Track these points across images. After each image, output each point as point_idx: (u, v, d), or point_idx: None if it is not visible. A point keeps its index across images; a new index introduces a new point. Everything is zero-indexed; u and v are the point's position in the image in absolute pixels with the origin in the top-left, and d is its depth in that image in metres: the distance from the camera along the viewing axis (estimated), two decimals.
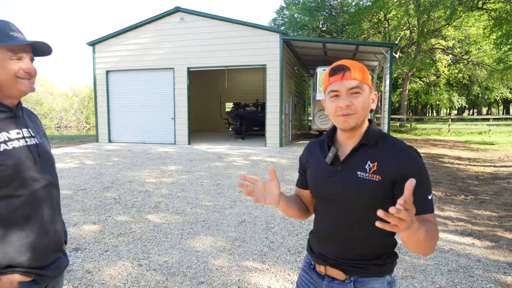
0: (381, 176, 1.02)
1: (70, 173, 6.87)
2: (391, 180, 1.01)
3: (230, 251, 3.26)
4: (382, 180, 1.02)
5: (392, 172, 1.01)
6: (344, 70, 1.04)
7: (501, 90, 25.25)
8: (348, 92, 1.05)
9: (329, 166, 1.12)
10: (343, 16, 26.23)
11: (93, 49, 12.68)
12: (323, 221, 1.16)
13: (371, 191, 1.03)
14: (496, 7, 15.43)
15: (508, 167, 7.95)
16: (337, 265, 1.11)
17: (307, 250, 1.25)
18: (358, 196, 1.05)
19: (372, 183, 1.03)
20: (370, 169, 1.04)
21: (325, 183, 1.12)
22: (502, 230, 3.89)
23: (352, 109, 1.04)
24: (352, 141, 1.11)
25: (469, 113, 50.37)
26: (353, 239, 1.09)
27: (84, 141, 14.17)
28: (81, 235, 3.62)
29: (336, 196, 1.10)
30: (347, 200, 1.07)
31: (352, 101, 1.04)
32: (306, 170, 1.24)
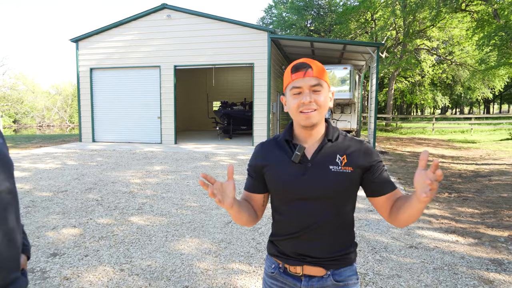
0: (352, 167, 1.10)
1: (51, 174, 6.66)
2: (361, 169, 1.11)
3: (216, 253, 3.20)
4: (353, 171, 1.10)
5: (360, 162, 1.11)
6: (306, 67, 1.08)
7: (482, 90, 25.90)
8: (311, 89, 1.08)
9: (297, 164, 1.11)
10: (331, 15, 26.41)
11: (77, 45, 12.35)
12: (296, 221, 1.12)
13: (347, 183, 1.10)
14: (478, 9, 15.80)
15: (489, 165, 8.13)
16: (317, 262, 1.11)
17: (271, 255, 1.21)
18: (337, 190, 1.09)
19: (347, 175, 1.09)
20: (342, 162, 1.10)
21: (298, 182, 1.10)
22: (484, 227, 3.95)
23: (314, 105, 1.08)
24: (313, 138, 1.14)
25: (452, 112, 51.57)
26: (331, 233, 1.12)
27: (66, 141, 13.81)
28: (60, 239, 3.49)
29: (313, 193, 1.09)
30: (326, 196, 1.09)
31: (314, 97, 1.08)
32: (264, 174, 1.18)
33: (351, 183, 1.11)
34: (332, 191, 1.09)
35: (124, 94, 12.30)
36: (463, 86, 26.64)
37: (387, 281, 2.68)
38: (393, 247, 3.31)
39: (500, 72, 17.57)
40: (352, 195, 1.14)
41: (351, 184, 1.11)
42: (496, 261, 3.03)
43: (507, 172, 7.14)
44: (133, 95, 12.24)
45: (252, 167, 1.21)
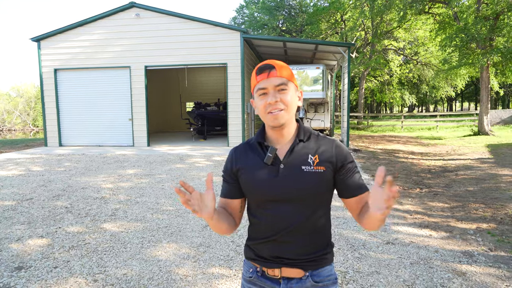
0: (324, 166, 1.10)
1: (13, 181, 6.25)
2: (333, 168, 1.11)
3: (195, 258, 3.11)
4: (326, 171, 1.10)
5: (332, 161, 1.11)
6: (270, 68, 1.08)
7: (446, 88, 27.25)
8: (276, 89, 1.08)
9: (270, 166, 1.11)
10: (302, 16, 26.80)
11: (38, 45, 11.70)
12: (272, 224, 1.12)
13: (320, 183, 1.09)
14: (440, 12, 16.60)
15: (455, 160, 8.55)
16: (294, 264, 1.11)
17: (249, 259, 1.20)
18: (310, 190, 1.09)
19: (319, 174, 1.09)
20: (314, 162, 1.10)
21: (271, 184, 1.10)
22: (455, 220, 4.13)
23: (280, 104, 1.07)
24: (284, 139, 1.14)
25: (418, 110, 53.92)
26: (306, 235, 1.11)
27: (30, 146, 13.06)
28: (26, 251, 3.26)
29: (286, 195, 1.09)
30: (299, 197, 1.09)
31: (280, 97, 1.08)
32: (239, 177, 1.17)
33: (324, 183, 1.10)
34: (305, 192, 1.09)
35: (93, 95, 11.80)
36: (428, 85, 27.91)
37: (367, 278, 2.71)
38: (371, 244, 3.37)
39: (462, 71, 18.54)
40: (327, 195, 1.14)
41: (324, 184, 1.10)
42: (467, 253, 3.16)
43: (471, 167, 7.53)
44: (102, 97, 11.76)
45: (227, 172, 1.20)
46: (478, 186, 5.79)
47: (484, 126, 14.20)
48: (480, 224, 3.94)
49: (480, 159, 8.54)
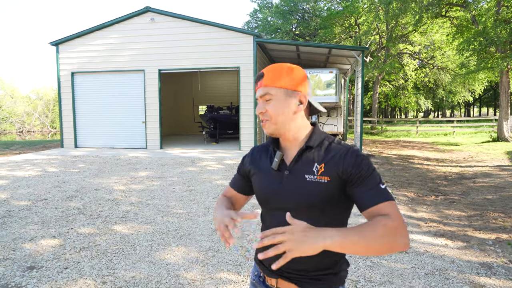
0: (330, 177, 0.99)
1: (30, 182, 6.39)
2: (340, 180, 0.99)
3: (204, 262, 3.09)
4: (331, 181, 0.99)
5: (339, 171, 0.99)
6: (260, 77, 1.07)
7: (463, 93, 26.62)
8: (262, 99, 1.07)
9: (276, 172, 1.08)
10: (316, 20, 26.70)
11: (57, 49, 12.01)
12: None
13: (322, 194, 1.00)
14: (458, 15, 16.26)
15: (473, 167, 8.29)
16: (290, 277, 1.05)
17: (255, 261, 1.18)
18: (310, 201, 1.01)
19: (322, 185, 1.00)
20: (318, 171, 1.01)
21: (274, 190, 1.07)
22: (472, 229, 3.98)
23: (266, 115, 1.06)
24: (292, 144, 1.10)
25: (434, 115, 52.83)
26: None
27: (48, 147, 13.38)
28: (38, 251, 3.30)
29: (287, 203, 1.04)
30: (300, 206, 1.02)
31: (266, 107, 1.06)
32: (251, 178, 1.19)
33: (327, 195, 0.99)
34: (305, 203, 1.01)
35: (108, 98, 12.01)
36: (444, 89, 27.32)
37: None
38: None
39: (480, 76, 18.08)
40: (333, 209, 1.02)
41: (327, 196, 0.99)
42: (485, 264, 3.03)
43: (490, 174, 7.28)
44: (116, 100, 11.97)
45: (242, 166, 1.24)
46: (497, 194, 5.58)
47: (504, 132, 13.76)
48: (499, 234, 3.78)
49: (499, 166, 8.26)
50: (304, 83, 1.07)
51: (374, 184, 0.96)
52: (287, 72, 1.05)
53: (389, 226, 0.88)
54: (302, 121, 1.08)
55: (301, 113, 1.08)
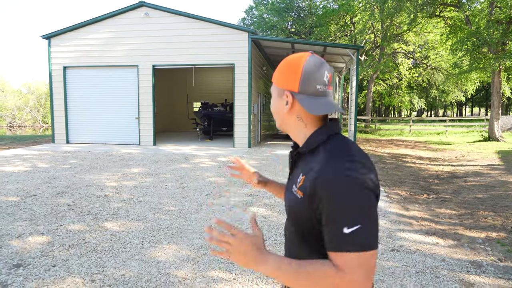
0: (303, 192, 0.83)
1: (19, 177, 6.28)
2: (311, 199, 0.80)
3: (195, 260, 3.06)
4: (303, 198, 0.83)
5: (311, 189, 0.80)
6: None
7: (456, 93, 26.87)
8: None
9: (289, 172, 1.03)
10: (311, 18, 26.67)
11: (49, 43, 11.82)
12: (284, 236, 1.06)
13: (294, 210, 0.87)
14: (452, 16, 16.36)
15: (464, 166, 8.37)
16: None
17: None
18: (290, 215, 0.91)
19: (295, 200, 0.86)
20: (298, 183, 0.86)
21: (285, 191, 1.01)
22: (463, 228, 4.01)
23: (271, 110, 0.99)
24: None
25: (427, 114, 53.31)
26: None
27: (38, 142, 13.19)
28: (25, 248, 3.24)
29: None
30: (288, 218, 0.95)
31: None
32: None
33: (300, 214, 0.84)
34: (288, 215, 0.92)
35: (101, 93, 11.87)
36: (438, 89, 27.55)
37: None
38: None
39: (472, 76, 18.26)
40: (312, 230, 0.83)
41: (302, 214, 0.84)
42: (475, 263, 3.05)
43: (481, 173, 7.36)
44: (110, 95, 11.83)
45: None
46: (487, 193, 5.64)
47: (495, 132, 13.92)
48: (489, 233, 3.82)
49: (490, 165, 8.35)
50: (294, 77, 0.88)
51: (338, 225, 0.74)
52: (283, 65, 0.93)
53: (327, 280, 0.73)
54: (300, 122, 0.91)
55: (298, 114, 0.91)
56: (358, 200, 0.74)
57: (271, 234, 3.71)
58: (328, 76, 0.89)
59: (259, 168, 7.62)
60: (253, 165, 7.95)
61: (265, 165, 7.98)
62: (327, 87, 0.89)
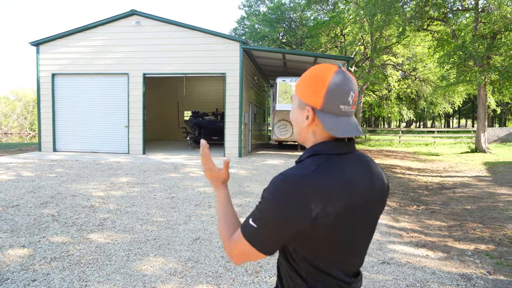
0: None
1: (1, 187, 6.09)
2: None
3: (182, 273, 2.97)
4: None
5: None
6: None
7: (443, 105, 27.40)
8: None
9: None
10: (302, 29, 27.06)
11: (37, 49, 11.67)
12: None
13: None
14: (439, 29, 16.79)
15: (453, 177, 8.47)
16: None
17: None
18: None
19: None
20: None
21: None
22: (452, 240, 4.01)
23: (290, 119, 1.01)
24: None
25: (416, 125, 54.17)
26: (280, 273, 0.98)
27: (24, 150, 12.89)
28: (5, 261, 3.10)
29: None
30: None
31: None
32: None
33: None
34: None
35: (90, 101, 11.72)
36: (426, 100, 28.07)
37: None
38: (366, 263, 3.25)
39: (459, 88, 18.64)
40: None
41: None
42: (465, 276, 3.04)
43: (468, 185, 7.44)
44: (99, 103, 11.68)
45: None
46: (475, 204, 5.69)
47: (481, 144, 14.18)
48: (478, 245, 3.83)
49: (477, 176, 8.47)
50: (318, 93, 0.86)
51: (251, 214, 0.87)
52: (308, 76, 0.90)
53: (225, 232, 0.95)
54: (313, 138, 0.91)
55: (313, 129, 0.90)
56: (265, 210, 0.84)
57: None
58: (353, 95, 0.87)
59: (249, 178, 7.57)
60: (243, 175, 7.90)
61: (255, 175, 7.93)
62: (350, 107, 0.87)
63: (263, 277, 2.93)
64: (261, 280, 2.88)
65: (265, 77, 18.02)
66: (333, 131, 0.84)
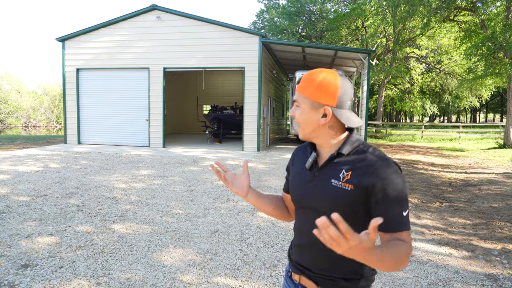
0: (353, 185, 1.00)
1: (31, 177, 6.37)
2: (364, 190, 0.99)
3: (201, 265, 3.02)
4: (353, 190, 1.00)
5: (365, 182, 0.99)
6: (298, 82, 1.10)
7: (470, 99, 26.35)
8: (294, 104, 1.11)
9: (308, 172, 1.12)
10: (322, 22, 26.57)
11: (63, 45, 12.04)
12: (300, 229, 1.14)
13: (342, 200, 1.02)
14: (466, 20, 16.07)
15: (478, 174, 8.16)
16: (311, 276, 1.10)
17: (288, 257, 1.25)
18: (333, 206, 1.03)
19: (344, 192, 1.01)
20: (344, 178, 1.02)
21: (302, 188, 1.12)
22: (477, 238, 3.88)
23: (296, 119, 1.10)
24: (326, 150, 1.11)
25: (440, 120, 52.42)
26: (327, 250, 1.01)
27: (51, 142, 13.41)
28: (34, 248, 3.26)
29: (311, 203, 1.09)
30: (321, 208, 1.06)
31: (295, 112, 1.10)
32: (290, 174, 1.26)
33: (349, 203, 1.01)
34: (328, 206, 1.04)
35: (112, 95, 12.01)
36: (451, 94, 27.08)
37: None
38: None
39: (487, 81, 17.86)
40: (355, 217, 1.01)
41: (349, 204, 1.01)
42: (491, 276, 2.93)
43: (496, 182, 7.15)
44: (121, 97, 11.96)
45: (287, 167, 1.30)
46: (503, 202, 5.46)
47: (511, 139, 13.56)
48: (506, 244, 3.68)
49: (505, 173, 8.11)
50: (332, 95, 1.03)
51: (400, 209, 0.97)
52: (318, 81, 1.04)
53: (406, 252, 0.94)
54: (331, 131, 1.07)
55: (330, 124, 1.06)
56: (406, 192, 1.00)
57: (279, 240, 3.65)
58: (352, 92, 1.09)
59: (268, 172, 7.57)
60: (262, 169, 7.91)
61: (274, 169, 7.92)
62: (351, 103, 1.10)
63: (281, 271, 2.94)
64: (278, 274, 2.89)
65: (284, 71, 17.88)
66: (349, 123, 1.03)
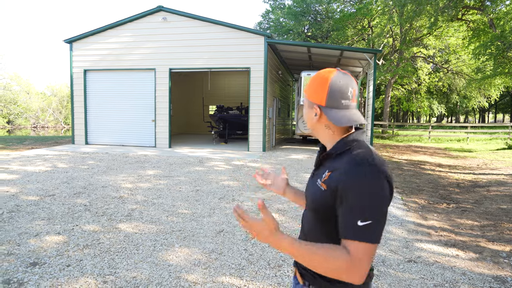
0: (327, 186, 1.01)
1: (39, 177, 6.46)
2: (333, 191, 0.98)
3: (206, 264, 3.04)
4: (326, 190, 1.01)
5: (333, 183, 0.98)
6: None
7: (478, 99, 26.03)
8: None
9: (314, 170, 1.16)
10: (328, 22, 26.48)
11: (71, 46, 12.18)
12: (302, 225, 1.19)
13: (319, 200, 1.04)
14: (474, 19, 15.89)
15: (487, 175, 8.06)
16: (299, 269, 1.15)
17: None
18: (312, 204, 1.08)
19: (320, 192, 1.03)
20: (323, 178, 1.04)
21: (307, 186, 1.17)
22: (485, 240, 3.83)
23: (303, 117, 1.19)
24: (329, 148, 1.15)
25: (447, 120, 51.88)
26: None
27: (59, 143, 13.57)
28: (42, 247, 3.30)
29: (306, 201, 1.14)
30: (309, 207, 1.12)
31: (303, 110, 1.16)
32: None
33: (324, 203, 1.01)
34: (310, 205, 1.10)
35: (119, 96, 12.12)
36: (459, 94, 26.79)
37: None
38: (391, 261, 3.17)
39: (496, 81, 17.64)
40: (332, 217, 1.00)
41: (324, 204, 1.01)
42: (499, 278, 2.90)
43: (505, 183, 7.06)
44: (127, 98, 12.06)
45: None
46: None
47: None
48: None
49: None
50: (321, 93, 1.04)
51: (354, 217, 0.91)
52: (312, 80, 1.08)
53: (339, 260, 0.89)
54: (328, 130, 1.09)
55: (326, 123, 1.08)
56: (374, 200, 0.91)
57: None
58: (352, 91, 1.04)
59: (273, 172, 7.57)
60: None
61: (279, 170, 7.92)
62: (351, 101, 1.04)
63: (286, 271, 2.94)
64: (283, 274, 2.89)
65: (289, 71, 17.86)
66: (337, 122, 1.01)
